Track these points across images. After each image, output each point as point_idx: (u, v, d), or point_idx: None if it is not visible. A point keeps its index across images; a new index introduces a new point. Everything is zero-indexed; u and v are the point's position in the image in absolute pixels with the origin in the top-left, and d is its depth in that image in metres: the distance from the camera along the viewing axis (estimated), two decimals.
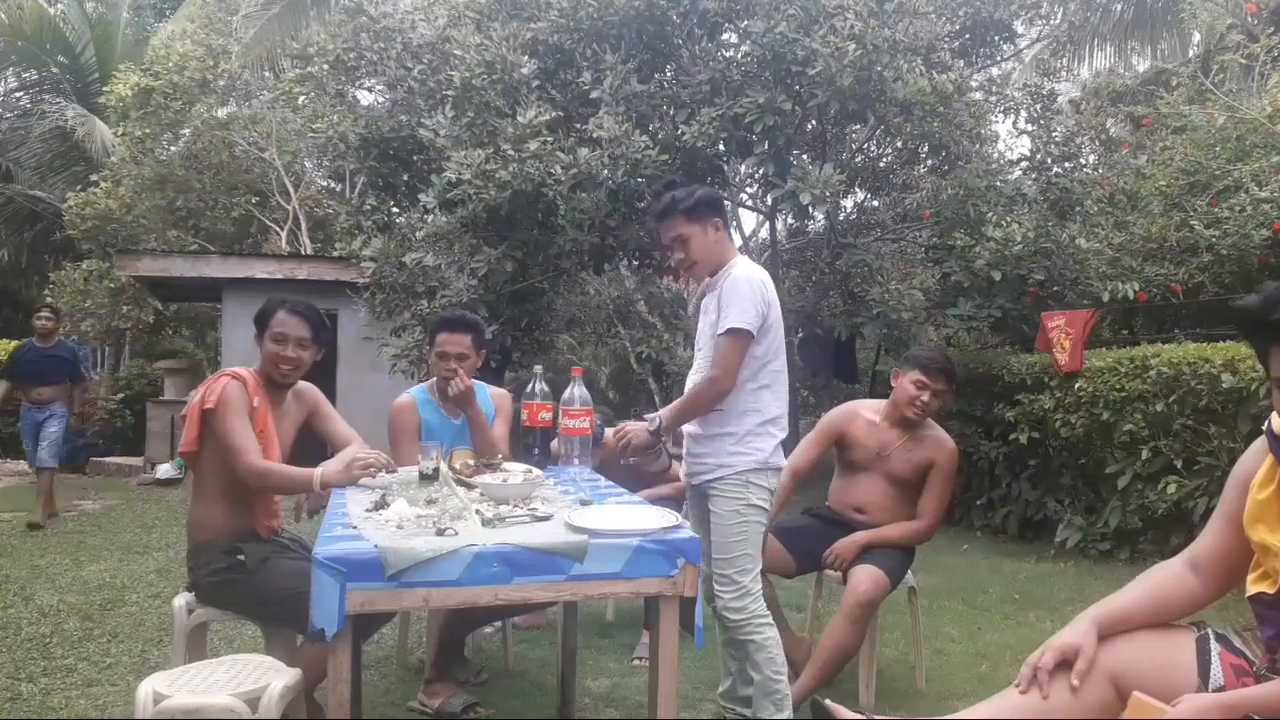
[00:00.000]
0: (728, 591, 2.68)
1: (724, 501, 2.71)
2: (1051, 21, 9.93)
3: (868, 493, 3.34)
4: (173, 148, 12.60)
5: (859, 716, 2.03)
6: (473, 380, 3.37)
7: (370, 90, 9.44)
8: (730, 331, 2.63)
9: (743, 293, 2.64)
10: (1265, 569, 1.57)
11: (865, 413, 3.40)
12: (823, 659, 3.03)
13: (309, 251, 12.63)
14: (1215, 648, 1.65)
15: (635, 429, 2.74)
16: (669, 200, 2.80)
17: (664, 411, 2.78)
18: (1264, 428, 1.63)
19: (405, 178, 7.82)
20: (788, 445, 2.87)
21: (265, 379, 2.84)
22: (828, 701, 2.16)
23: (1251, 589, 1.61)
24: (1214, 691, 1.56)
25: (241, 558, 2.65)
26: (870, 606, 3.04)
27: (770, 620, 2.73)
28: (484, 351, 3.47)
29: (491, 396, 3.49)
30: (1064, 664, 1.65)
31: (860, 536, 3.25)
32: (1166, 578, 1.75)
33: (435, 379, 3.41)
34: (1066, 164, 7.42)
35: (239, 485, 2.67)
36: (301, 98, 11.50)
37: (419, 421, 3.33)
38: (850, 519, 3.36)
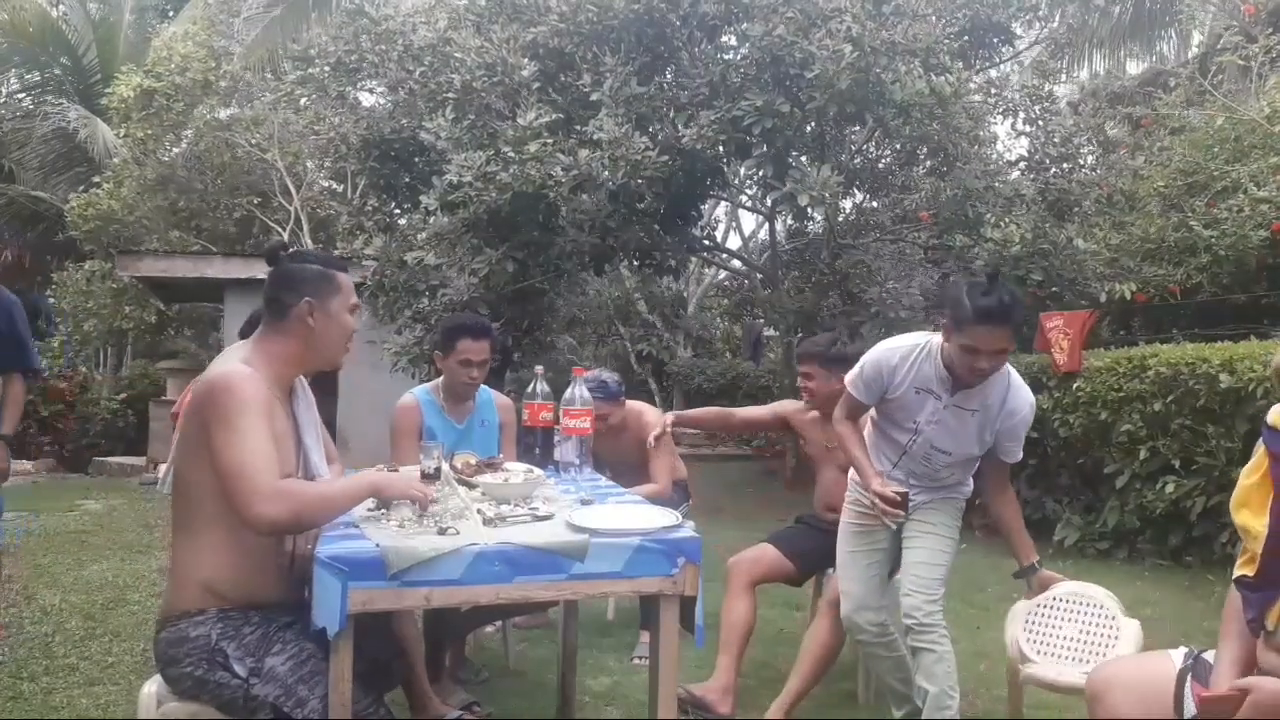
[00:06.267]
0: (922, 593, 2.67)
1: (951, 507, 2.83)
2: (1050, 24, 9.95)
3: (833, 490, 3.23)
4: (175, 149, 12.60)
5: None
6: (481, 386, 3.39)
7: (371, 92, 9.45)
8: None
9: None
10: (1250, 553, 1.60)
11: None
12: (808, 661, 3.00)
13: None
14: (1191, 686, 1.70)
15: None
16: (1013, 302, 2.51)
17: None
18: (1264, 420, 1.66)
19: (406, 179, 7.83)
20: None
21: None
22: None
23: (1236, 572, 1.64)
24: None
25: None
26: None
27: (950, 636, 2.69)
28: (496, 352, 3.50)
29: (498, 408, 3.51)
30: None
31: None
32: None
33: (442, 381, 3.44)
34: (1065, 165, 7.43)
35: None
36: (303, 99, 11.49)
37: (421, 423, 3.35)
38: (826, 521, 3.27)
